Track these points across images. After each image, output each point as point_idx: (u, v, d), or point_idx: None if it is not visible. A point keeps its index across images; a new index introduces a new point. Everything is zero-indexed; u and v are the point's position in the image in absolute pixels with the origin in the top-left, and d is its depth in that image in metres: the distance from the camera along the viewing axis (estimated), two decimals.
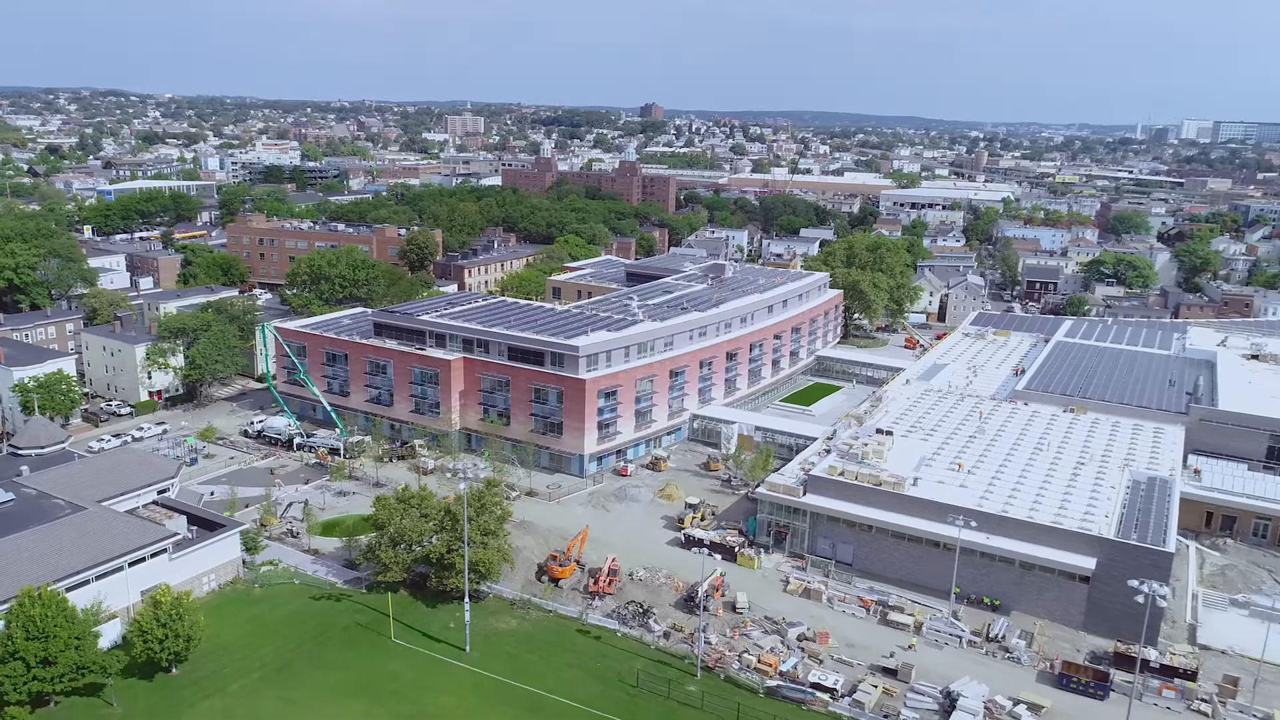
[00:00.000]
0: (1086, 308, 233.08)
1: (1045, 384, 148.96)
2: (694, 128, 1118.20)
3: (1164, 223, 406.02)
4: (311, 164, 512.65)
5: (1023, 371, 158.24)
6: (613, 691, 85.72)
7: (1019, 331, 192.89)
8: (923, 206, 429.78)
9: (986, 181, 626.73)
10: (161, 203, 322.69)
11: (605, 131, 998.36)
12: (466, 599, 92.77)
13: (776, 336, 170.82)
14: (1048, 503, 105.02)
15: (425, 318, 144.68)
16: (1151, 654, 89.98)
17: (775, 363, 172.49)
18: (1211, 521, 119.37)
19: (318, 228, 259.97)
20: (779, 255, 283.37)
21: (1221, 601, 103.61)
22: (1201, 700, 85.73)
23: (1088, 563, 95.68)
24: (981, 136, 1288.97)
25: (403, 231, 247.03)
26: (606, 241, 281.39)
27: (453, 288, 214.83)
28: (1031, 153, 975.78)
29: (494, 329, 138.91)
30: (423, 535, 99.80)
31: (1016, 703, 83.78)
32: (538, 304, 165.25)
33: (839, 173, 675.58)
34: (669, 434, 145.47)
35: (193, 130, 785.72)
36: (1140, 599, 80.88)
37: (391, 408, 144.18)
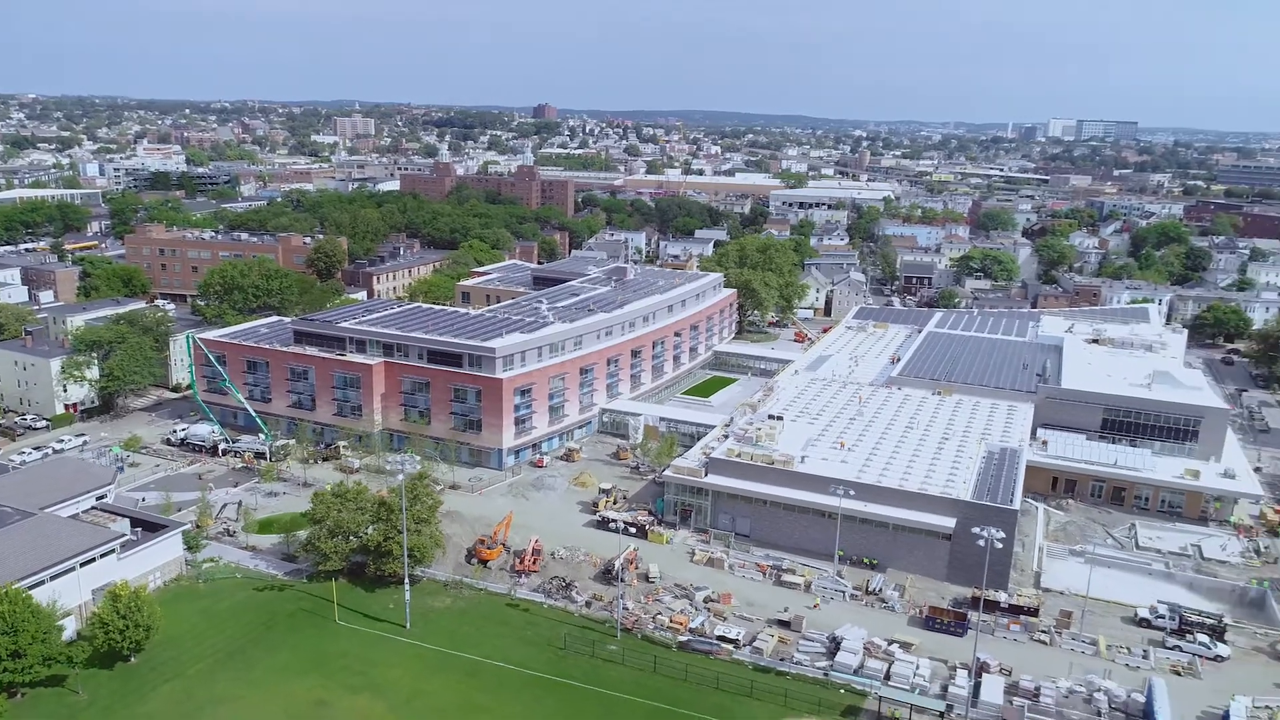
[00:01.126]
0: (957, 300, 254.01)
1: (917, 370, 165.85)
2: (587, 128, 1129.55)
3: (1029, 219, 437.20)
4: (200, 170, 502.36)
5: (898, 360, 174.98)
6: (543, 654, 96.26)
7: (896, 323, 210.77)
8: (810, 206, 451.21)
9: (869, 180, 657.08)
10: (47, 213, 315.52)
11: (499, 133, 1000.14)
12: (406, 580, 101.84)
13: (677, 334, 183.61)
14: (916, 473, 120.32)
15: (345, 325, 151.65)
16: (1002, 596, 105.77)
17: (676, 358, 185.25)
18: (1057, 485, 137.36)
19: (219, 237, 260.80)
20: (676, 256, 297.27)
21: (1062, 552, 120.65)
22: (1041, 632, 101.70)
23: (949, 522, 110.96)
24: (865, 136, 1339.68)
25: (308, 240, 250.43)
26: (510, 246, 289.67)
27: (362, 295, 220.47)
28: (911, 151, 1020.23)
29: (413, 334, 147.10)
30: (360, 526, 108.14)
31: (890, 642, 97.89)
32: (452, 309, 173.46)
33: (730, 173, 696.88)
34: (580, 427, 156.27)
35: (65, 134, 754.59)
36: (993, 550, 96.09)
37: (314, 411, 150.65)
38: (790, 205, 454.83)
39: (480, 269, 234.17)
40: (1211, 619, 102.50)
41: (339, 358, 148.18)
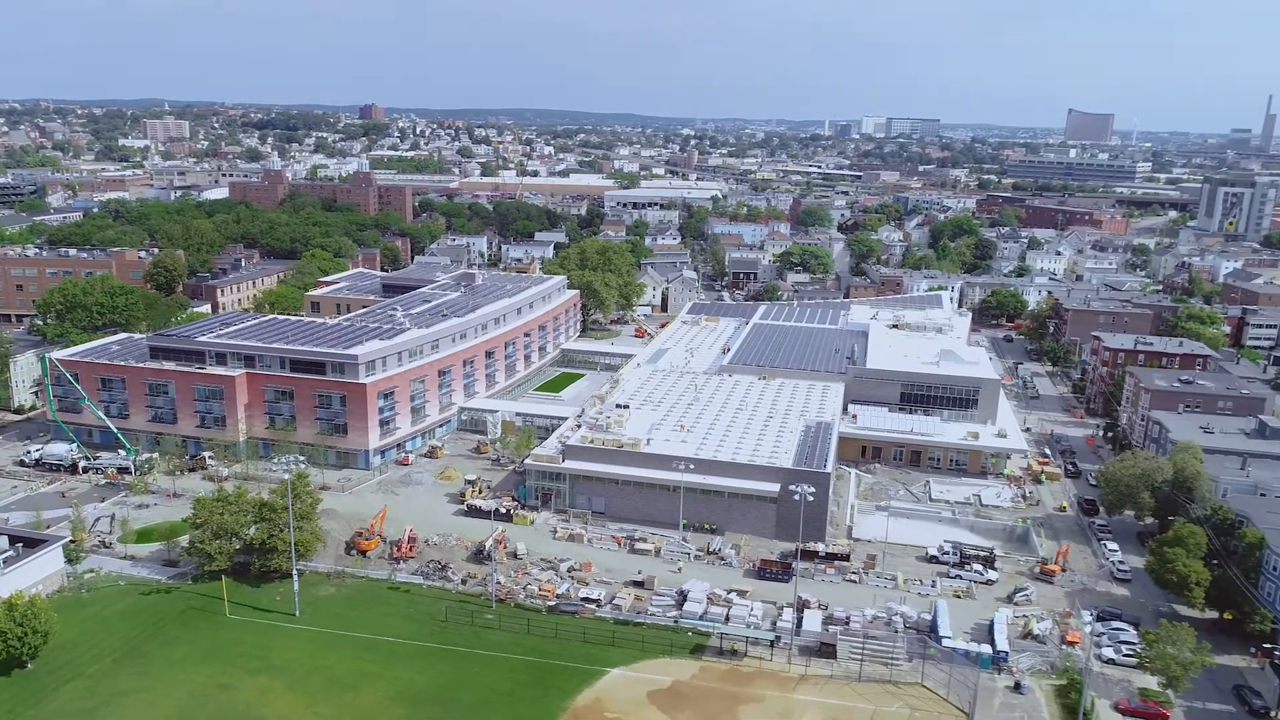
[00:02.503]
0: (780, 293, 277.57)
1: (745, 359, 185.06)
2: (418, 130, 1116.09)
3: (843, 215, 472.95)
4: None
5: (728, 350, 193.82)
6: (426, 627, 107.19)
7: (726, 317, 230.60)
8: (643, 206, 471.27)
9: (698, 179, 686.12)
10: None
11: (325, 135, 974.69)
12: (295, 570, 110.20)
13: (526, 334, 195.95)
14: (746, 448, 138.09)
15: (203, 339, 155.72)
16: (820, 547, 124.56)
17: (527, 357, 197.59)
18: (865, 452, 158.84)
19: (43, 254, 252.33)
20: (519, 259, 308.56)
21: (869, 508, 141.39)
22: (852, 573, 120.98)
23: (774, 488, 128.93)
24: (693, 134, 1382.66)
25: (144, 254, 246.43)
26: (352, 254, 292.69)
27: (206, 308, 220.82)
28: (736, 150, 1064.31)
29: (274, 345, 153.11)
30: (242, 527, 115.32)
31: (729, 591, 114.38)
32: (309, 319, 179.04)
33: (565, 174, 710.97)
34: (441, 426, 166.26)
35: None
36: (810, 508, 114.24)
37: (176, 425, 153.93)
38: (624, 205, 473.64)
39: (327, 278, 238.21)
40: (984, 552, 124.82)
41: (200, 371, 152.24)
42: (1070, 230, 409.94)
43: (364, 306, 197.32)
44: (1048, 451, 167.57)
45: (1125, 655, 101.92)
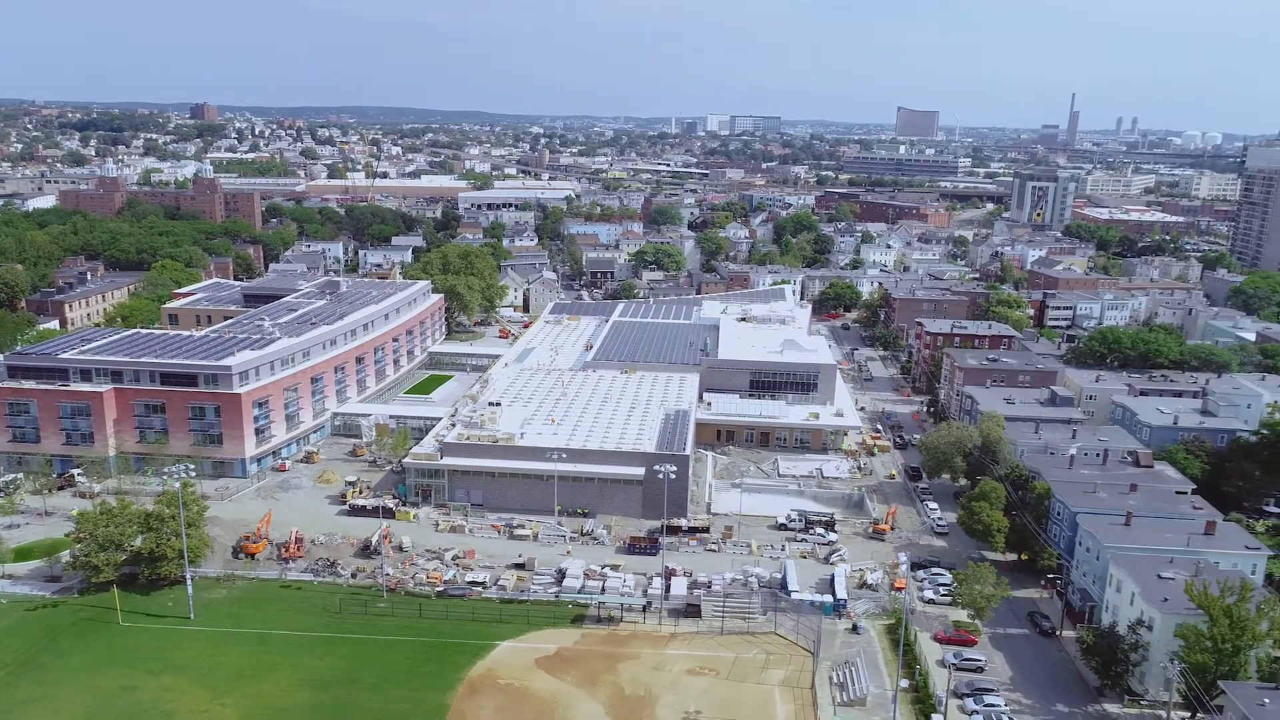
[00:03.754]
0: (636, 291, 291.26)
1: (607, 355, 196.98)
2: (257, 130, 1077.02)
3: (692, 213, 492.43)
4: None
5: (591, 347, 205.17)
6: (321, 619, 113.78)
7: (587, 315, 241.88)
8: (498, 207, 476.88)
9: (551, 179, 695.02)
10: None
11: (155, 136, 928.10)
12: (188, 575, 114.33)
13: (395, 339, 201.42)
14: (612, 436, 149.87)
15: (66, 355, 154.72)
16: (683, 522, 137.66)
17: (396, 362, 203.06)
18: (720, 435, 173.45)
19: None
20: (378, 265, 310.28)
21: (725, 485, 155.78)
22: (712, 544, 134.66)
23: (640, 472, 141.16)
24: (542, 132, 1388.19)
25: None
26: (204, 264, 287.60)
27: (54, 324, 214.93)
28: (587, 149, 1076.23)
29: (143, 359, 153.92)
30: (129, 538, 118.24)
31: (603, 567, 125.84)
32: (174, 332, 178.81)
33: (416, 175, 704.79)
34: (315, 431, 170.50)
35: None
36: (673, 488, 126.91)
37: (40, 444, 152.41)
38: (480, 207, 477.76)
39: (183, 290, 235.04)
40: (826, 518, 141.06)
41: (63, 389, 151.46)
42: (899, 224, 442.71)
43: (226, 317, 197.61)
44: (879, 427, 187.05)
45: (942, 595, 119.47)
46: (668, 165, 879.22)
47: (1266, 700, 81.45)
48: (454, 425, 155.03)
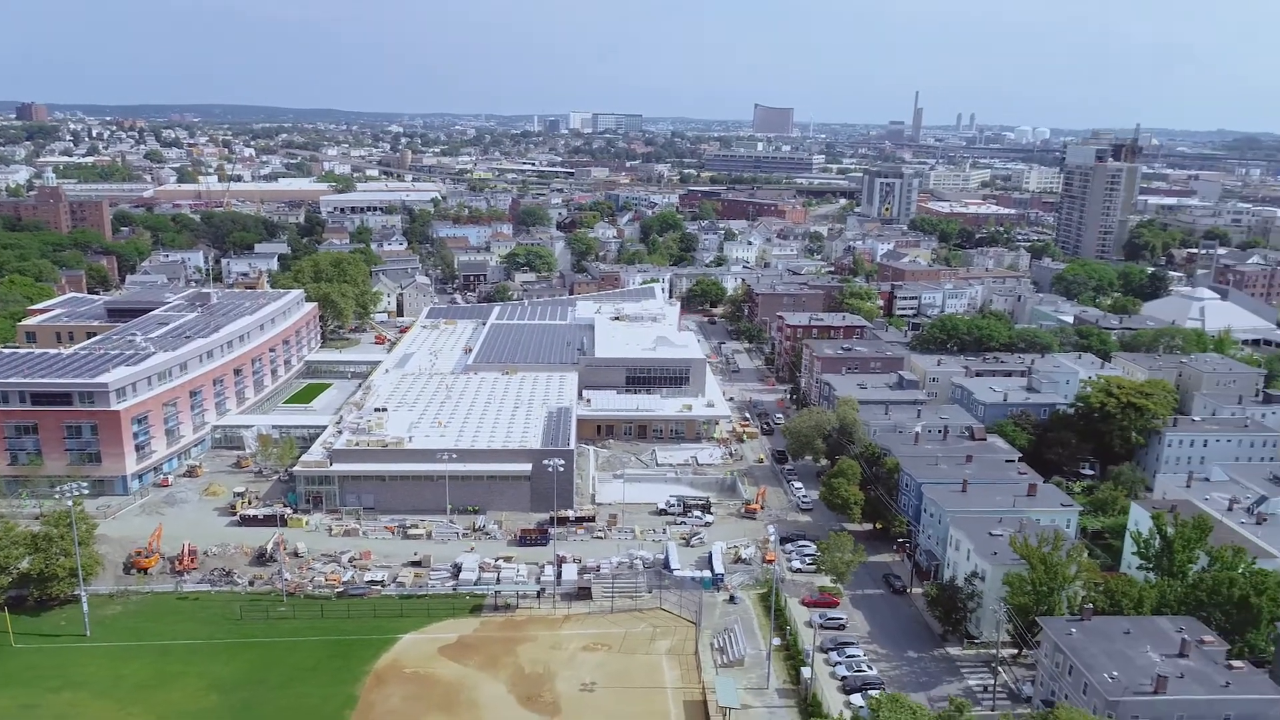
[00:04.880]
0: (510, 293, 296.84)
1: (487, 357, 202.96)
2: (94, 132, 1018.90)
3: (560, 213, 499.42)
4: None
5: (470, 350, 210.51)
6: (222, 627, 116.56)
7: (464, 319, 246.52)
8: (362, 210, 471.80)
9: (415, 180, 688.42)
10: None
11: None
12: (83, 593, 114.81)
13: (272, 350, 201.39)
14: (499, 435, 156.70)
15: None
16: (570, 513, 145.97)
17: (274, 372, 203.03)
18: (600, 430, 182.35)
19: None
20: (245, 274, 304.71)
21: (608, 477, 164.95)
22: (598, 532, 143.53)
23: (527, 468, 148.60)
24: (402, 131, 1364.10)
25: None
26: (54, 277, 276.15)
27: None
28: (450, 148, 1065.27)
29: (11, 379, 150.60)
30: (14, 560, 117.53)
31: (497, 559, 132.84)
32: (40, 350, 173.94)
33: (273, 178, 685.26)
34: (196, 445, 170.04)
35: None
36: (560, 481, 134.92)
37: None
38: (343, 211, 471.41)
39: (38, 305, 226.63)
40: (702, 501, 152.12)
41: None
42: (759, 221, 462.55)
43: (90, 334, 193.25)
44: (748, 415, 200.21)
45: (807, 564, 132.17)
46: (533, 165, 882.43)
47: (1073, 630, 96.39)
48: (341, 432, 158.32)
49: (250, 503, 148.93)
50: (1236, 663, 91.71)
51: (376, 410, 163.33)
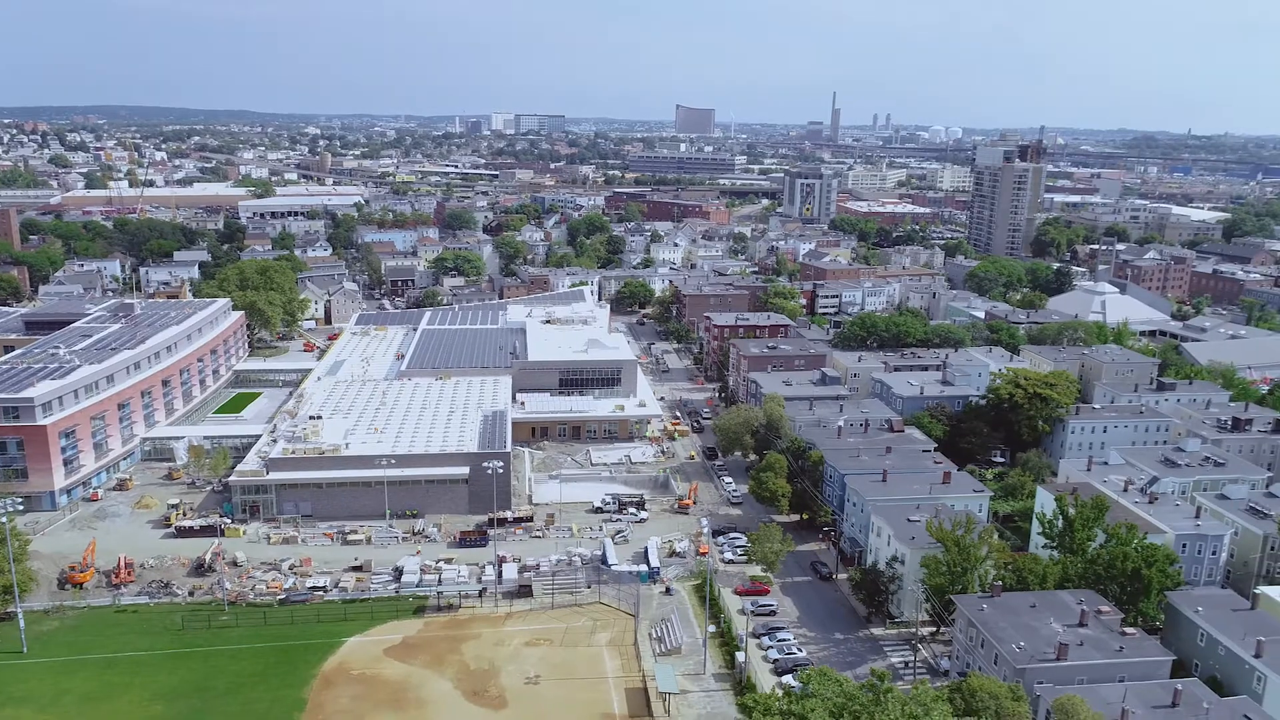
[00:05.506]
0: (439, 298, 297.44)
1: (420, 363, 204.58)
2: None
3: (486, 216, 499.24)
4: None
5: (403, 356, 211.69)
6: (164, 638, 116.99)
7: (394, 325, 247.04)
8: (283, 215, 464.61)
9: (336, 184, 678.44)
10: None
11: None
12: (19, 609, 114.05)
13: (200, 360, 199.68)
14: (436, 439, 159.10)
15: None
16: (508, 514, 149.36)
17: (202, 382, 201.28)
18: (535, 432, 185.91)
19: None
20: (166, 283, 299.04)
21: (544, 478, 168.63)
22: (537, 531, 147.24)
23: (464, 471, 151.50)
24: (320, 133, 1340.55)
25: None
26: None
27: None
28: (370, 150, 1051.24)
29: None
30: None
31: (438, 561, 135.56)
32: None
33: (187, 183, 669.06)
34: (126, 458, 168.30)
35: None
36: (498, 483, 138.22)
37: None
38: (264, 216, 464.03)
39: None
40: (636, 498, 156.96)
41: None
42: (685, 222, 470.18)
43: (8, 347, 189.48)
44: (678, 414, 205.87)
45: (739, 555, 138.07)
46: (456, 167, 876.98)
47: (985, 606, 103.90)
48: (276, 441, 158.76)
49: (185, 514, 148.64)
50: (1130, 629, 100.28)
51: (311, 418, 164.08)
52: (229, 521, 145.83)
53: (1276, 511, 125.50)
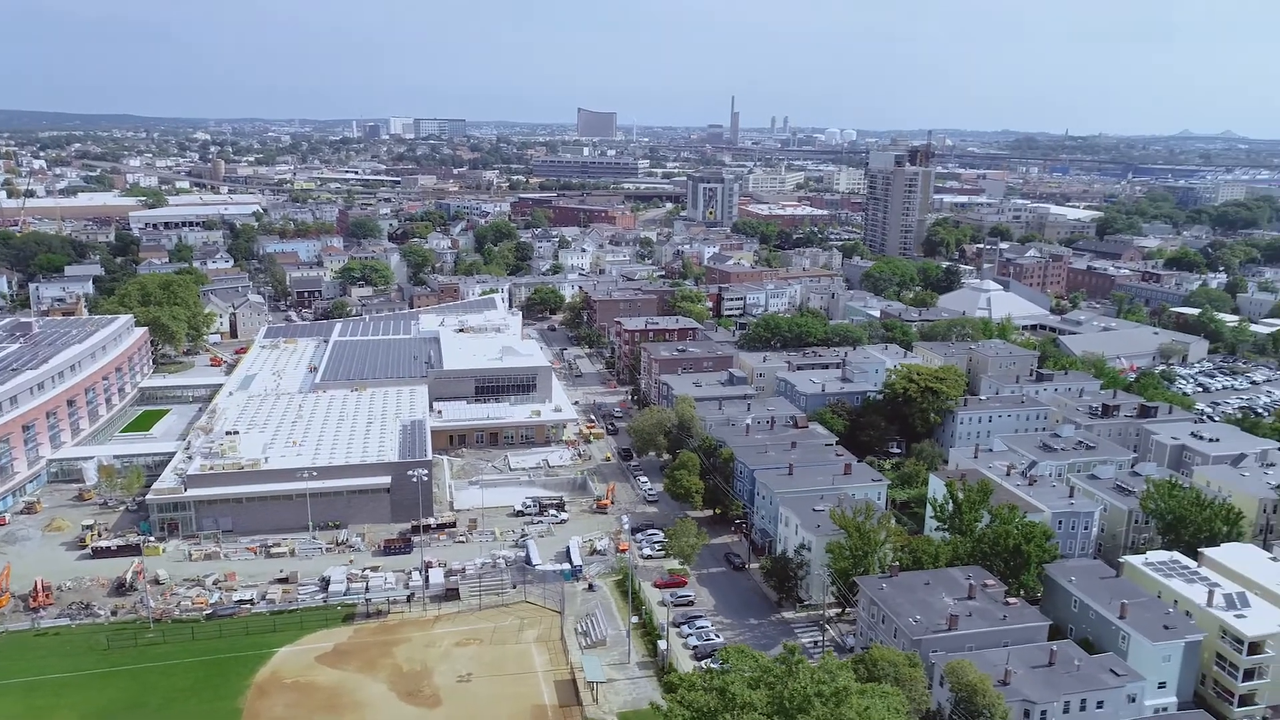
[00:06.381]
0: (348, 309, 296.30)
1: (334, 375, 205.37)
2: None
3: (391, 224, 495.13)
4: None
5: (316, 369, 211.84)
6: (90, 658, 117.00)
7: (304, 337, 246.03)
8: (178, 226, 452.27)
9: (231, 192, 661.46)
10: None
11: None
12: None
13: (105, 378, 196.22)
14: (356, 450, 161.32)
15: None
16: (431, 520, 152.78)
17: (108, 401, 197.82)
18: (453, 440, 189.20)
19: None
20: (60, 300, 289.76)
21: (464, 484, 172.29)
22: (460, 536, 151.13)
23: (386, 480, 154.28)
24: (211, 139, 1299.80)
25: None
26: None
27: None
28: (264, 156, 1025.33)
29: None
30: None
31: (364, 570, 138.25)
32: None
33: (71, 192, 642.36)
34: (32, 481, 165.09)
35: None
36: (420, 491, 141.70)
37: None
38: (157, 227, 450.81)
39: None
40: (556, 501, 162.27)
41: None
42: (591, 227, 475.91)
43: None
44: (593, 417, 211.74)
45: (657, 550, 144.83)
46: (356, 173, 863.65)
47: (884, 586, 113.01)
48: (192, 457, 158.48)
49: (100, 535, 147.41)
50: (1012, 600, 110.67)
51: (228, 433, 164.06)
52: (151, 539, 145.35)
53: (1139, 489, 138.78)
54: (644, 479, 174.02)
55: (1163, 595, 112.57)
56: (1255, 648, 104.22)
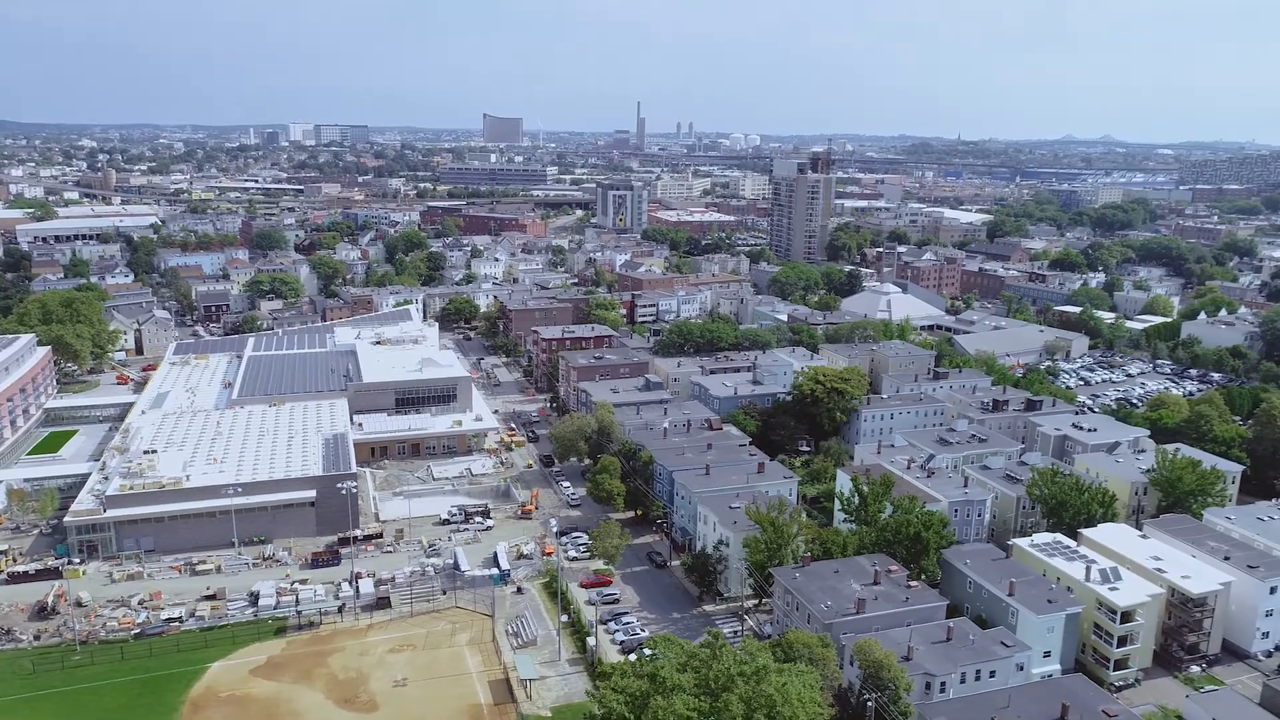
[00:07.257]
0: (259, 323, 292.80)
1: (250, 390, 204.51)
2: None
3: (297, 234, 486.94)
4: None
5: (231, 385, 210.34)
6: (14, 683, 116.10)
7: (216, 353, 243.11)
8: (71, 239, 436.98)
9: (125, 203, 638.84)
10: None
11: None
12: None
13: (9, 400, 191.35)
14: (279, 465, 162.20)
15: None
16: (358, 532, 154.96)
17: (12, 423, 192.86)
18: (375, 452, 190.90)
19: None
20: None
21: (388, 495, 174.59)
22: (388, 547, 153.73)
23: (311, 494, 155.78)
24: (97, 146, 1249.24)
25: None
26: None
27: None
28: (158, 165, 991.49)
29: None
30: None
31: (293, 583, 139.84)
32: None
33: None
34: None
35: None
36: (346, 503, 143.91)
37: None
38: (48, 241, 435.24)
39: None
40: (481, 508, 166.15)
41: None
42: (502, 236, 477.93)
43: None
44: (513, 425, 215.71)
45: (582, 552, 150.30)
46: (256, 182, 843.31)
47: (797, 575, 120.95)
48: (109, 478, 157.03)
49: (15, 560, 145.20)
50: (914, 583, 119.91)
51: (146, 452, 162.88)
52: (74, 562, 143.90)
53: (1026, 477, 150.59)
54: (566, 484, 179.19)
55: (1047, 573, 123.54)
56: (1127, 616, 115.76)
